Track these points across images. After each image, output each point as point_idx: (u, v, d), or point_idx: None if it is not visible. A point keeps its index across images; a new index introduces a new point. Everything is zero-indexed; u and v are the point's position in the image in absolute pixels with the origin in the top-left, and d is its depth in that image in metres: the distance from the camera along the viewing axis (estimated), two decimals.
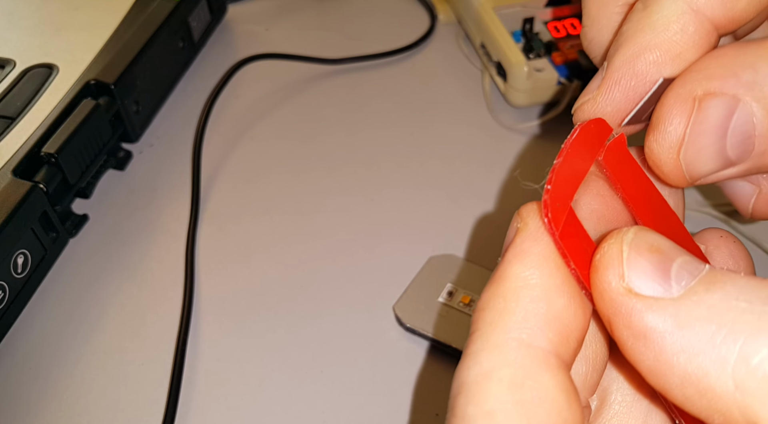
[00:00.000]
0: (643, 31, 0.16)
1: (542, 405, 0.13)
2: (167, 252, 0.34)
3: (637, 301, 0.13)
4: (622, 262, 0.13)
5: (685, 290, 0.12)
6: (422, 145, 0.39)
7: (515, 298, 0.14)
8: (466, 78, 0.43)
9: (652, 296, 0.13)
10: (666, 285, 0.13)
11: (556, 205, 0.14)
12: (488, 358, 0.14)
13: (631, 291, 0.13)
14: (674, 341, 0.12)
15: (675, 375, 0.12)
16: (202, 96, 0.42)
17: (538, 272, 0.14)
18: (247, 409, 0.29)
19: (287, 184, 0.37)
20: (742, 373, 0.11)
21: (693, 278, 0.13)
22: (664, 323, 0.12)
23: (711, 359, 0.12)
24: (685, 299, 0.12)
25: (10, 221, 0.29)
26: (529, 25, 0.41)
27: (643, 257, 0.13)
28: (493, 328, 0.14)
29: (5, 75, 0.36)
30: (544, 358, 0.13)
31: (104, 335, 0.31)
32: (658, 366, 0.12)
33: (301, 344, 0.31)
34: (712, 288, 0.12)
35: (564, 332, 0.14)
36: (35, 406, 0.29)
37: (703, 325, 0.12)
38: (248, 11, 0.48)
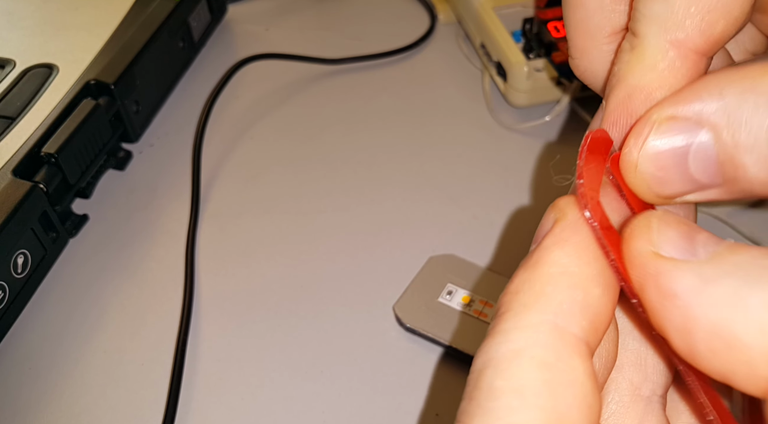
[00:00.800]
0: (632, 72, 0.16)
1: (571, 388, 0.13)
2: (167, 252, 0.34)
3: (665, 262, 0.13)
4: (651, 230, 0.14)
5: (710, 254, 0.13)
6: (422, 145, 0.39)
7: (553, 283, 0.14)
8: (466, 78, 0.43)
9: (679, 258, 0.13)
10: (692, 249, 0.13)
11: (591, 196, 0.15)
12: (521, 336, 0.14)
13: (659, 255, 0.13)
14: (702, 296, 0.13)
15: (702, 330, 0.13)
16: (202, 96, 0.42)
17: (577, 260, 0.14)
18: (247, 409, 0.29)
19: (287, 184, 0.37)
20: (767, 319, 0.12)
21: (718, 246, 0.13)
22: (691, 280, 0.13)
23: (737, 308, 0.12)
24: (712, 260, 0.13)
25: (10, 220, 0.29)
26: (529, 25, 0.41)
27: (671, 227, 0.14)
28: (528, 309, 0.14)
29: (5, 75, 0.36)
30: (576, 343, 0.14)
31: (104, 335, 0.31)
32: (686, 323, 0.13)
33: (301, 344, 0.31)
34: (737, 251, 0.13)
35: (595, 321, 0.14)
36: (35, 406, 0.29)
37: (729, 279, 0.12)
38: (248, 11, 0.48)
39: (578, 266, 0.14)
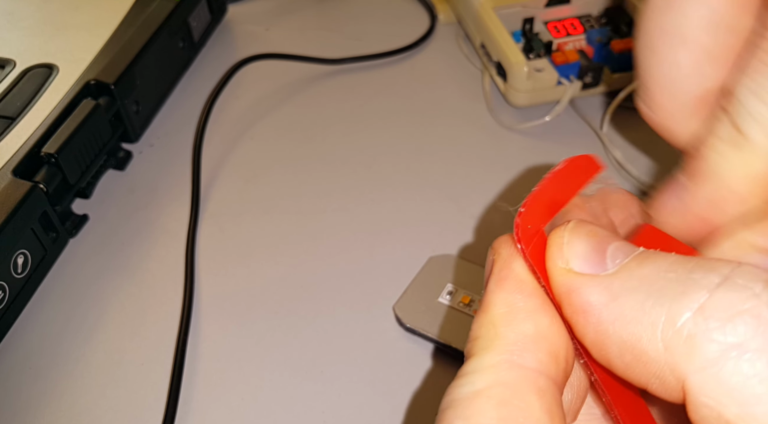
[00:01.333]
0: (732, 173, 0.16)
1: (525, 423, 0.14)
2: (167, 252, 0.34)
3: (576, 278, 0.14)
4: (562, 245, 0.14)
5: (618, 267, 0.13)
6: (422, 145, 0.39)
7: (503, 322, 0.15)
8: (466, 78, 0.43)
9: (588, 273, 0.14)
10: (601, 264, 0.14)
11: (527, 228, 0.15)
12: (481, 378, 0.14)
13: (571, 271, 0.14)
14: (609, 311, 0.13)
15: (613, 344, 0.13)
16: (202, 96, 0.42)
17: (519, 295, 0.15)
18: (247, 409, 0.29)
19: (287, 184, 0.37)
20: (669, 334, 0.12)
21: (627, 257, 0.14)
22: (599, 296, 0.13)
23: (642, 324, 0.13)
24: (618, 274, 0.13)
25: (10, 220, 0.29)
26: (529, 25, 0.41)
27: (581, 240, 0.14)
28: (487, 351, 0.15)
29: (5, 75, 0.36)
30: (533, 379, 0.14)
31: (104, 335, 0.31)
32: (598, 337, 0.13)
33: (301, 344, 0.31)
34: (643, 263, 0.13)
35: (552, 350, 0.15)
36: (35, 406, 0.29)
37: (634, 295, 0.13)
38: (248, 11, 0.48)
39: (522, 300, 0.15)
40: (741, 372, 0.11)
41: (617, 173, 0.37)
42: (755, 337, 0.11)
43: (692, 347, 0.12)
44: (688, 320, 0.12)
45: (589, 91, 0.39)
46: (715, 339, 0.12)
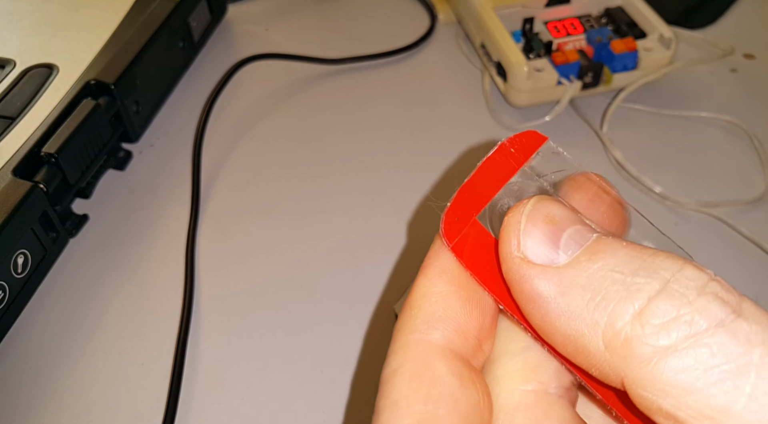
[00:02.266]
0: None
1: (436, 388, 0.15)
2: (167, 252, 0.34)
3: (529, 268, 0.14)
4: (519, 232, 0.15)
5: (570, 259, 0.14)
6: (422, 145, 0.39)
7: (417, 305, 0.16)
8: (466, 78, 0.43)
9: (542, 264, 0.14)
10: (555, 254, 0.14)
11: (454, 221, 0.16)
12: (395, 358, 0.16)
13: (524, 259, 0.14)
14: (557, 305, 0.14)
15: (558, 334, 0.14)
16: (202, 96, 0.42)
17: (438, 281, 0.16)
18: (247, 409, 0.29)
19: (287, 184, 0.37)
20: (609, 336, 0.13)
21: (579, 248, 0.14)
22: (549, 289, 0.14)
23: (585, 322, 0.13)
24: (569, 268, 0.14)
25: (10, 220, 0.29)
26: (529, 25, 0.41)
27: (537, 228, 0.15)
28: (400, 332, 0.16)
29: (5, 75, 0.36)
30: (439, 350, 0.16)
31: (104, 335, 0.31)
32: (544, 326, 0.14)
33: (301, 344, 0.31)
34: (593, 258, 0.14)
35: (460, 329, 0.16)
36: (35, 406, 0.29)
37: (581, 292, 0.14)
38: (248, 11, 0.48)
39: (439, 286, 0.16)
40: (672, 368, 0.12)
41: (617, 173, 0.37)
42: (686, 339, 0.12)
43: (629, 348, 0.13)
44: (627, 324, 0.13)
45: (589, 91, 0.39)
46: (650, 343, 0.12)
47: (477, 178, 0.17)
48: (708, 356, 0.12)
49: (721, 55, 0.43)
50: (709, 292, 0.13)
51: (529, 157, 0.18)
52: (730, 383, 0.12)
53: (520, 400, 0.16)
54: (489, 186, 0.17)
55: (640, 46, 0.39)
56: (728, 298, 0.13)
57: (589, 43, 0.40)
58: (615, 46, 0.39)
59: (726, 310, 0.12)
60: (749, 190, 0.36)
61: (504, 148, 0.17)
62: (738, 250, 0.33)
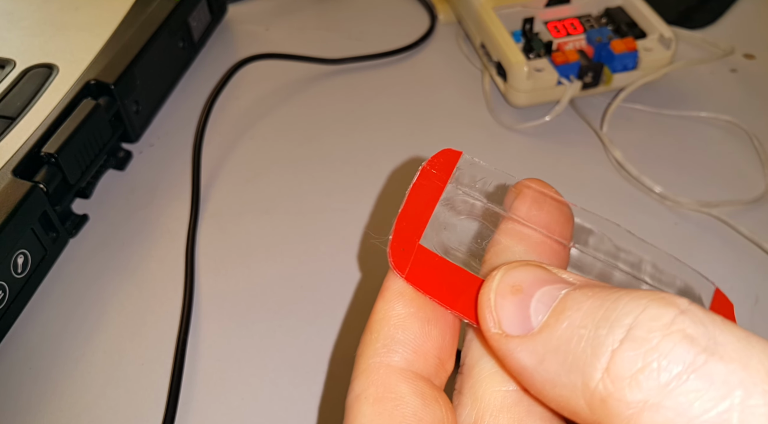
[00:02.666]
0: None
1: (399, 410, 0.15)
2: (167, 252, 0.34)
3: (508, 342, 0.14)
4: (491, 309, 0.15)
5: (541, 325, 0.14)
6: (422, 145, 0.39)
7: (377, 329, 0.17)
8: (466, 78, 0.43)
9: (519, 335, 0.14)
10: (527, 323, 0.14)
11: (400, 250, 0.17)
12: (358, 383, 0.16)
13: (504, 334, 0.14)
14: (539, 374, 0.14)
15: (551, 401, 0.14)
16: (202, 96, 0.42)
17: (396, 304, 0.17)
18: (247, 409, 0.29)
19: (287, 184, 0.37)
20: (588, 397, 0.13)
21: (548, 310, 0.14)
22: (529, 359, 0.14)
23: (566, 388, 0.13)
24: (541, 334, 0.14)
25: (10, 220, 0.29)
26: (529, 25, 0.41)
27: (507, 300, 0.15)
28: (361, 356, 0.17)
29: (5, 75, 0.36)
30: (400, 373, 0.16)
31: (104, 335, 0.31)
32: (539, 395, 0.14)
33: (301, 344, 0.31)
34: (560, 318, 0.14)
35: (420, 350, 0.16)
36: (35, 406, 0.29)
37: (556, 357, 0.13)
38: (248, 11, 0.48)
39: (396, 309, 0.17)
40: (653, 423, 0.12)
41: (617, 173, 0.37)
42: (659, 390, 0.12)
43: (608, 408, 0.12)
44: (599, 382, 0.12)
45: (589, 91, 0.39)
46: (624, 399, 0.12)
47: (409, 206, 0.18)
48: (686, 407, 0.11)
49: (721, 55, 0.43)
50: (675, 330, 0.12)
51: (450, 174, 0.18)
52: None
53: (503, 401, 0.16)
54: (422, 210, 0.18)
55: (640, 46, 0.39)
56: (698, 334, 0.12)
57: (589, 43, 0.40)
58: (615, 46, 0.39)
59: (694, 350, 0.12)
60: (749, 190, 0.36)
61: (426, 172, 0.18)
62: (738, 250, 0.33)
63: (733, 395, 0.11)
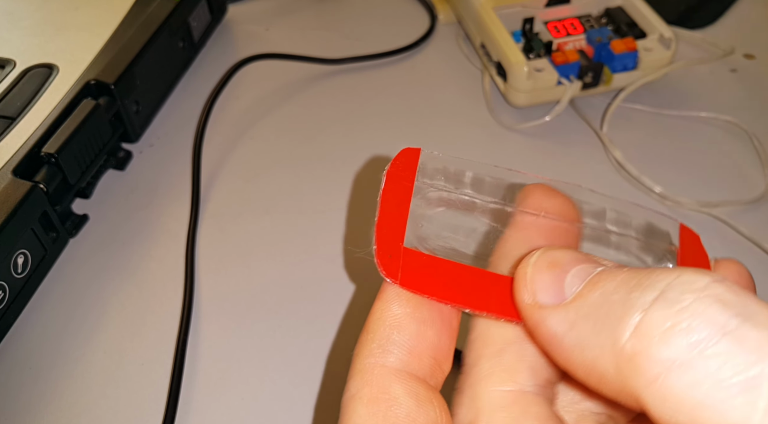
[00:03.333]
0: None
1: (393, 411, 0.16)
2: (167, 252, 0.34)
3: (540, 311, 0.15)
4: (526, 281, 0.15)
5: (574, 295, 0.14)
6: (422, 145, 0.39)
7: (373, 329, 0.17)
8: (466, 78, 0.43)
9: (551, 304, 0.15)
10: (560, 293, 0.15)
11: (387, 258, 0.17)
12: (353, 383, 0.17)
13: (536, 304, 0.15)
14: (569, 339, 0.14)
15: (579, 368, 0.14)
16: (202, 96, 0.42)
17: (393, 304, 0.17)
18: (247, 409, 0.29)
19: (287, 184, 0.37)
20: (616, 356, 0.13)
21: (582, 282, 0.14)
22: (559, 326, 0.14)
23: (595, 349, 0.13)
24: (573, 302, 0.14)
25: (10, 221, 0.29)
26: (529, 25, 0.41)
27: (543, 274, 0.15)
28: (357, 357, 0.17)
29: (5, 75, 0.36)
30: (395, 373, 0.16)
31: (104, 335, 0.31)
32: (567, 364, 0.14)
33: (301, 344, 0.31)
34: (594, 288, 0.14)
35: (415, 351, 0.17)
36: (35, 406, 0.29)
37: (587, 321, 0.14)
38: (248, 11, 0.48)
39: (393, 310, 0.17)
40: (681, 383, 0.12)
41: (617, 173, 0.37)
42: (689, 350, 0.12)
43: (636, 366, 0.12)
44: (628, 341, 0.13)
45: (589, 91, 0.39)
46: (653, 357, 0.12)
47: (384, 212, 0.18)
48: (715, 369, 0.11)
49: (721, 55, 0.43)
50: (709, 294, 0.12)
51: (415, 172, 0.19)
52: (742, 398, 0.11)
53: (500, 400, 0.16)
54: (398, 213, 0.18)
55: (640, 46, 0.39)
56: (732, 300, 0.12)
57: (589, 43, 0.40)
58: (615, 46, 0.39)
59: (727, 314, 0.12)
60: (749, 190, 0.36)
61: (391, 175, 0.19)
62: (738, 250, 0.33)
63: (764, 361, 0.11)
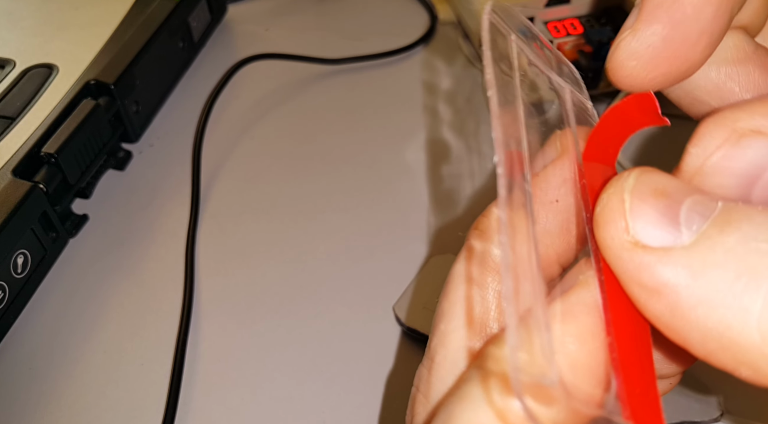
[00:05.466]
0: None
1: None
2: (167, 252, 0.34)
3: (646, 254, 0.12)
4: (624, 212, 0.12)
5: (697, 236, 0.11)
6: (422, 145, 0.39)
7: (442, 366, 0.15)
8: (465, 78, 0.43)
9: (661, 246, 0.11)
10: (676, 232, 0.11)
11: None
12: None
13: (638, 244, 0.12)
14: (690, 293, 0.11)
15: (694, 330, 0.11)
16: (202, 96, 0.42)
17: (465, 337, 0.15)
18: (247, 409, 0.29)
19: (287, 184, 0.37)
20: (767, 322, 0.10)
21: (705, 220, 0.11)
22: (677, 275, 0.11)
23: (732, 310, 0.11)
24: (698, 246, 0.11)
25: (10, 220, 0.29)
26: None
27: (648, 204, 0.12)
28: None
29: (5, 75, 0.36)
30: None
31: (104, 335, 0.31)
32: (675, 322, 0.11)
33: (301, 344, 0.31)
34: (726, 230, 0.11)
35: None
36: (35, 406, 0.29)
37: (721, 273, 0.11)
38: (248, 11, 0.48)
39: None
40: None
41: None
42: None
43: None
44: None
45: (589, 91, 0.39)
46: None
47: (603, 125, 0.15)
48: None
49: None
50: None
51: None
52: None
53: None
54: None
55: None
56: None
57: (589, 43, 0.40)
58: None
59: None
60: None
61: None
62: None
63: None
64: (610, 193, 0.12)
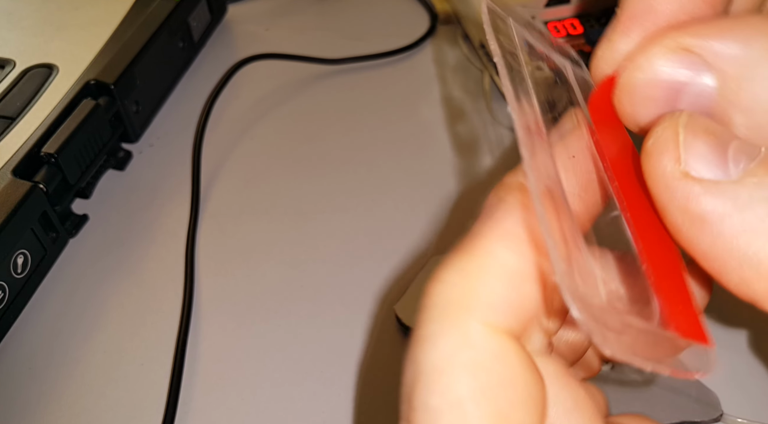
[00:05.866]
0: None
1: (512, 387, 0.13)
2: (167, 252, 0.34)
3: (695, 184, 0.12)
4: (678, 145, 0.13)
5: (743, 173, 0.12)
6: (423, 144, 0.39)
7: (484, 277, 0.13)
8: (466, 78, 0.43)
9: (710, 179, 0.12)
10: (724, 167, 0.12)
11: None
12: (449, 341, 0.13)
13: (688, 175, 0.12)
14: (734, 223, 0.12)
15: (733, 258, 0.12)
16: (202, 96, 0.42)
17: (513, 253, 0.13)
18: (247, 409, 0.29)
19: (287, 184, 0.37)
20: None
21: (751, 160, 0.12)
22: (723, 205, 0.12)
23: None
24: (745, 181, 0.12)
25: (10, 220, 0.29)
26: None
27: (700, 140, 0.13)
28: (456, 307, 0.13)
29: (5, 75, 0.36)
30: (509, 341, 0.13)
31: (104, 335, 0.31)
32: (714, 250, 0.12)
33: (301, 344, 0.31)
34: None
35: (524, 318, 0.14)
36: (35, 406, 0.29)
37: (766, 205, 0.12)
38: (248, 11, 0.48)
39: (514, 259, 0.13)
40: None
41: None
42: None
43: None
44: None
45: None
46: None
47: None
48: None
49: None
50: None
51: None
52: None
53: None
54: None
55: None
56: None
57: (589, 43, 0.40)
58: None
59: None
60: None
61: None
62: None
63: None
64: (664, 126, 0.13)
